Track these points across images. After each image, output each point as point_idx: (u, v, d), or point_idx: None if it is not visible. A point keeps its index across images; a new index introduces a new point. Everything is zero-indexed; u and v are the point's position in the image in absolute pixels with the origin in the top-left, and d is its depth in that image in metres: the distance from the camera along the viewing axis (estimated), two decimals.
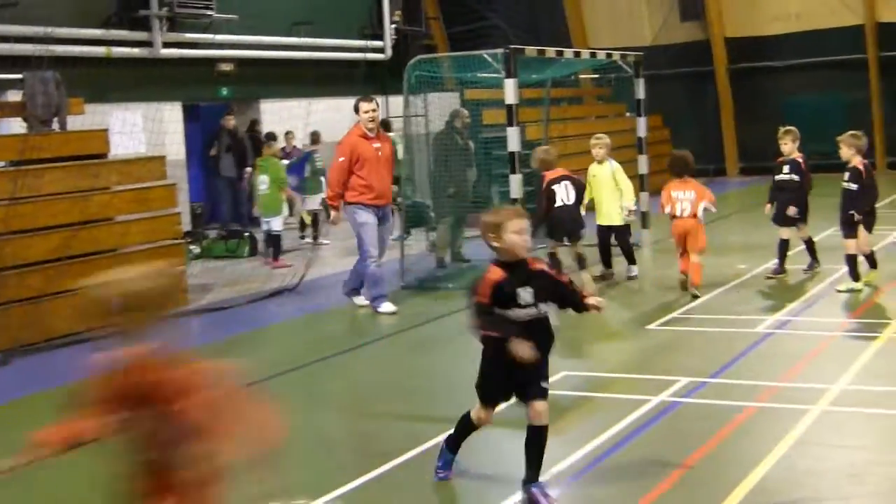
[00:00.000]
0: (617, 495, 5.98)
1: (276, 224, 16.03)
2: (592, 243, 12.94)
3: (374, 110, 11.92)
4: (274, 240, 16.16)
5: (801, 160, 12.26)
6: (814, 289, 11.73)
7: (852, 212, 11.14)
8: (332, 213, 12.16)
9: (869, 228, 11.28)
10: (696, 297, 11.41)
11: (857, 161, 11.28)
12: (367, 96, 12.42)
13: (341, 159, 11.80)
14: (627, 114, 22.35)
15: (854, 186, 11.23)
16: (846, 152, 11.40)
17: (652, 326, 10.35)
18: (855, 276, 11.27)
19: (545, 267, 6.04)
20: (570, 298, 5.98)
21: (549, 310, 5.87)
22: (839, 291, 11.34)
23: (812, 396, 7.52)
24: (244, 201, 19.51)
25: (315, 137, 19.38)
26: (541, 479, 5.80)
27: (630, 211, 13.02)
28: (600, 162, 13.07)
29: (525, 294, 5.68)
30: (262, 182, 16.04)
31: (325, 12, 22.72)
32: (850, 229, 11.19)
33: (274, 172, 16.12)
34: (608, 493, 6.06)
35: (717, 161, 25.65)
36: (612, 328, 10.71)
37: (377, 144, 11.89)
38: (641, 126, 15.98)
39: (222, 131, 19.48)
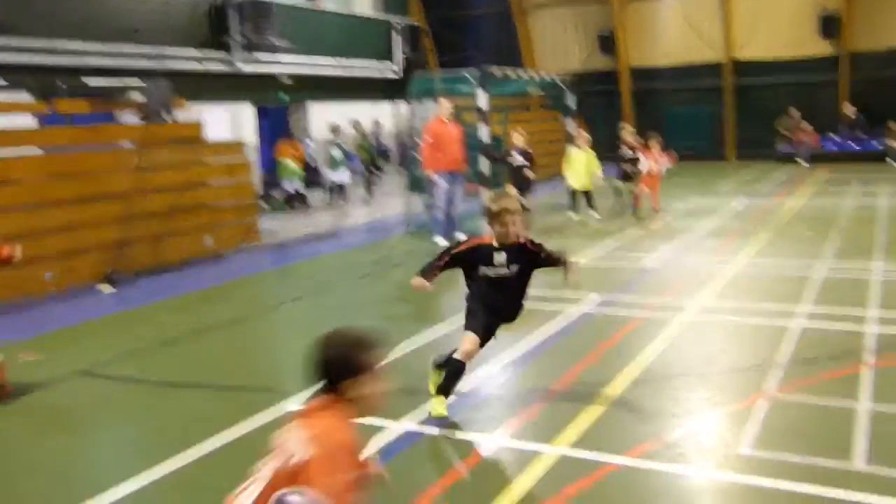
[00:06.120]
0: (555, 366, 6.12)
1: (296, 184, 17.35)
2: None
3: (452, 106, 11.89)
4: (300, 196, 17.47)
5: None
6: (682, 235, 11.76)
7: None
8: (428, 174, 11.98)
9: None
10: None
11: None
12: (447, 97, 12.40)
13: (429, 140, 11.71)
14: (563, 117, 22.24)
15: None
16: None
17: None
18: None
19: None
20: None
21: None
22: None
23: (680, 309, 7.64)
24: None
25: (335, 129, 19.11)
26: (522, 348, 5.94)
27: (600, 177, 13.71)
28: (579, 147, 13.54)
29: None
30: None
31: (357, 42, 22.63)
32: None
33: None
34: (550, 365, 6.20)
35: None
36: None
37: (450, 128, 11.83)
38: (571, 126, 15.94)
39: None
